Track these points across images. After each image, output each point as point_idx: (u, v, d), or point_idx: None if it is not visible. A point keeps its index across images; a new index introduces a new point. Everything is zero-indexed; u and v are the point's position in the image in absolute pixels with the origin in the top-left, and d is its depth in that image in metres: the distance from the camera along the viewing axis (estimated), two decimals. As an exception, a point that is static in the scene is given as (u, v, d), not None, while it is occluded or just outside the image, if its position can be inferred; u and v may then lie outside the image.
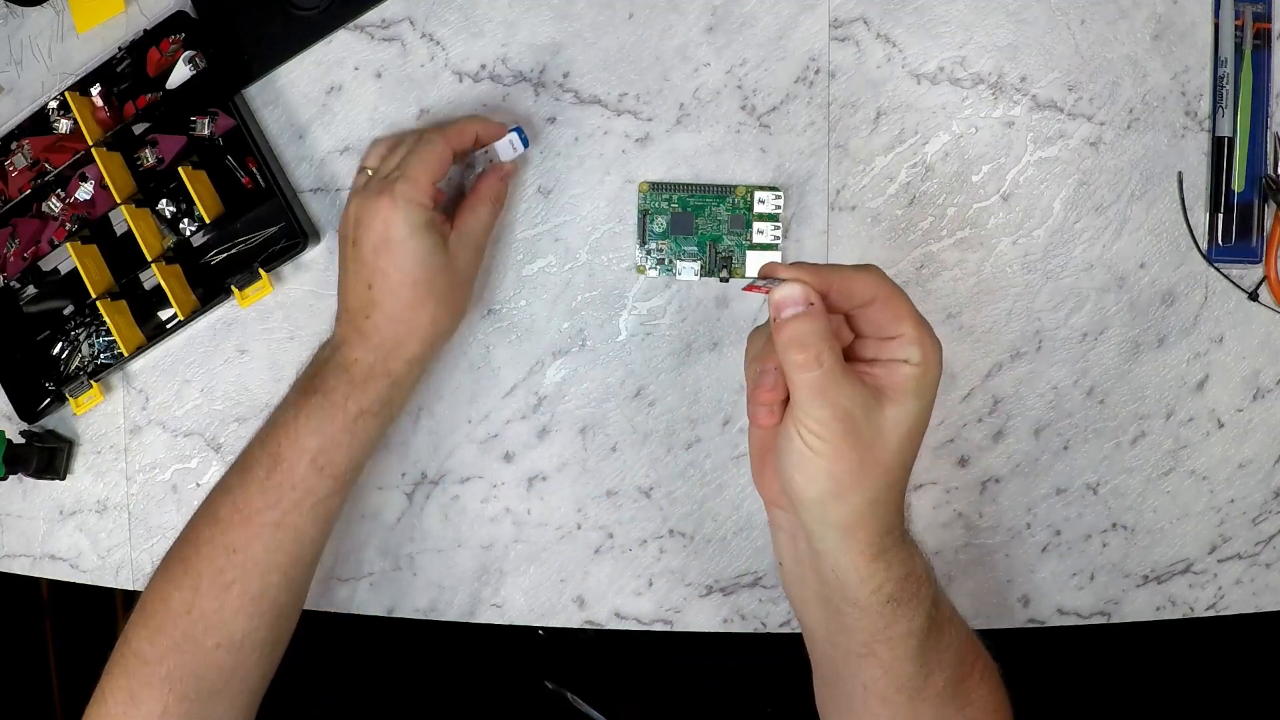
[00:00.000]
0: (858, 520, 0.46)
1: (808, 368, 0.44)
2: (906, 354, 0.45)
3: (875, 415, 0.45)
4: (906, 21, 0.64)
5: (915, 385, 0.45)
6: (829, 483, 0.45)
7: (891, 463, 0.46)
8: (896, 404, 0.45)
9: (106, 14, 0.70)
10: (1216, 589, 0.65)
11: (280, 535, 0.56)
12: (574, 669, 1.00)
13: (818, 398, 0.44)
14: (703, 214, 0.65)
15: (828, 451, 0.45)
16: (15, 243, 0.71)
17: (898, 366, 0.45)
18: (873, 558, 0.47)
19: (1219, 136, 0.63)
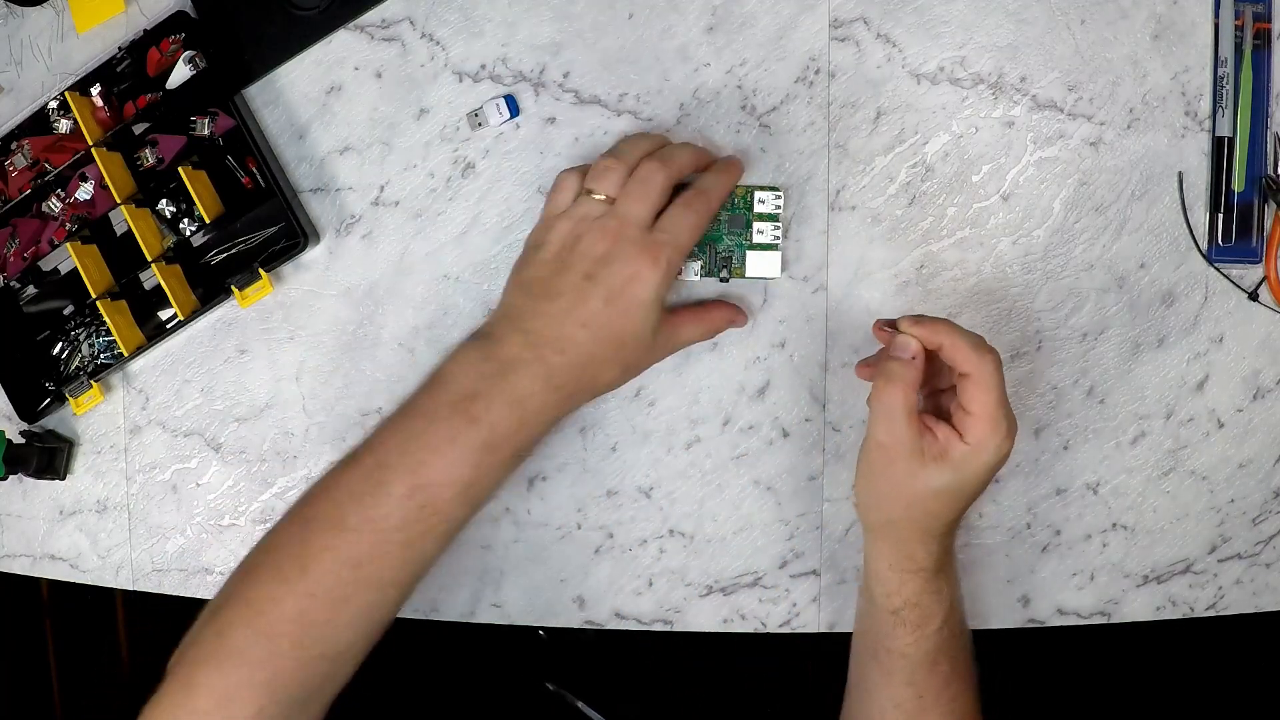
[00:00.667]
0: (880, 532, 0.57)
1: (886, 398, 0.54)
2: (966, 428, 0.53)
3: (916, 462, 0.53)
4: (906, 21, 0.64)
5: (959, 459, 0.53)
6: (860, 486, 0.57)
7: (915, 510, 0.55)
8: (935, 465, 0.53)
9: (106, 14, 0.70)
10: (1216, 589, 0.65)
11: (408, 554, 0.53)
12: (574, 669, 1.00)
13: (879, 420, 0.54)
14: None
15: (869, 464, 0.56)
16: (15, 243, 0.71)
17: (953, 436, 0.53)
18: (889, 567, 0.57)
19: (1219, 136, 0.63)
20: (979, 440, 0.53)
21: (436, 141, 0.68)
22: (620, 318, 0.55)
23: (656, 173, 0.56)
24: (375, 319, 0.69)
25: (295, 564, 0.52)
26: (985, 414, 0.52)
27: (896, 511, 0.55)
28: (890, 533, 0.56)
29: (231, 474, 0.71)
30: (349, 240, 0.69)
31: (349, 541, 0.52)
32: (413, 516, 0.52)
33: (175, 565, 0.73)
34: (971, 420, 0.53)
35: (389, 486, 0.52)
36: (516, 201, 0.67)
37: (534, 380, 0.54)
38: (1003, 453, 0.53)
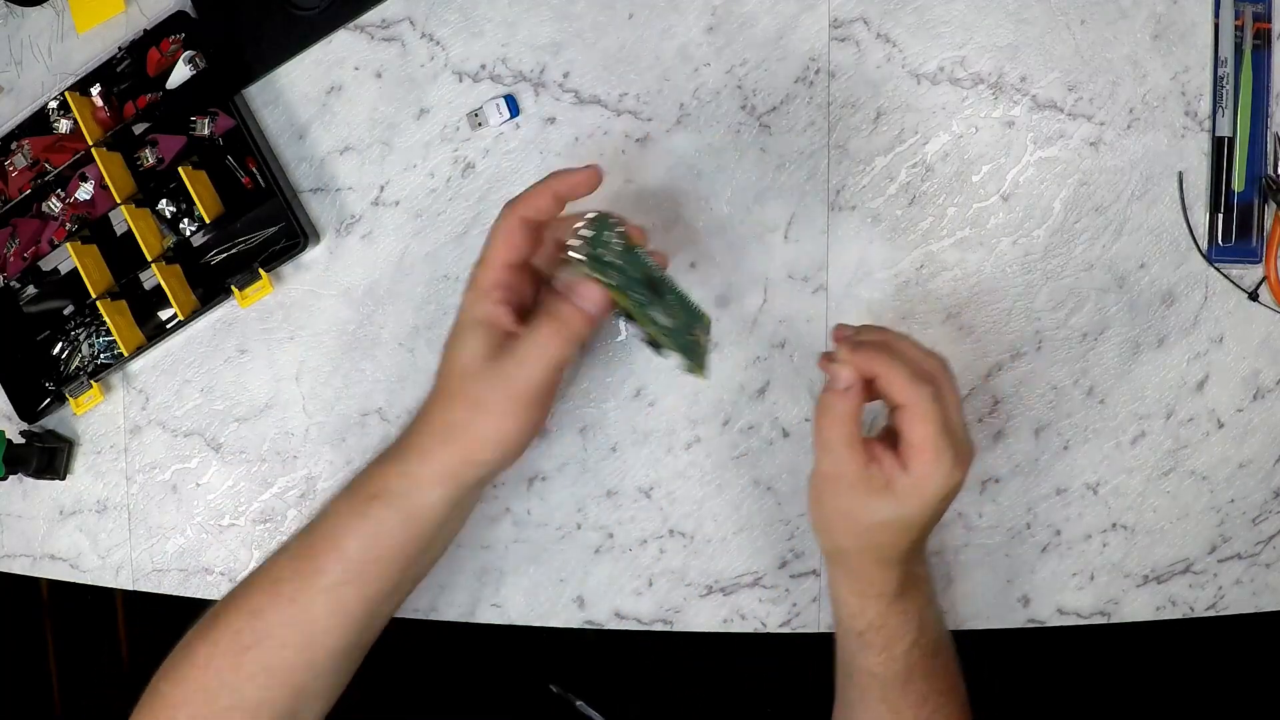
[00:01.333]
0: (835, 558, 0.56)
1: (825, 428, 0.51)
2: (908, 460, 0.50)
3: (859, 493, 0.51)
4: (906, 21, 0.64)
5: (903, 491, 0.51)
6: (813, 510, 0.55)
7: (866, 540, 0.53)
8: (881, 497, 0.51)
9: (106, 14, 0.71)
10: (1216, 589, 0.65)
11: (294, 612, 0.54)
12: (574, 669, 1.00)
13: (819, 452, 0.52)
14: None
15: (814, 488, 0.54)
16: (15, 243, 0.71)
17: (897, 467, 0.51)
18: (848, 591, 0.56)
19: (1219, 136, 0.63)
20: (922, 473, 0.50)
21: (436, 141, 0.68)
22: (446, 352, 0.54)
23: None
24: (375, 319, 0.69)
25: (211, 616, 0.56)
26: (925, 446, 0.49)
27: (848, 541, 0.54)
28: (844, 560, 0.55)
29: (231, 474, 0.71)
30: (349, 240, 0.69)
31: (245, 592, 0.56)
32: (295, 568, 0.55)
33: (175, 565, 0.73)
34: (913, 452, 0.50)
35: (289, 541, 0.56)
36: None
37: (410, 429, 0.55)
38: (950, 484, 0.50)
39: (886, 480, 0.51)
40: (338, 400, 0.70)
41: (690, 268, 0.66)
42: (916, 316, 0.65)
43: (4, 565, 0.75)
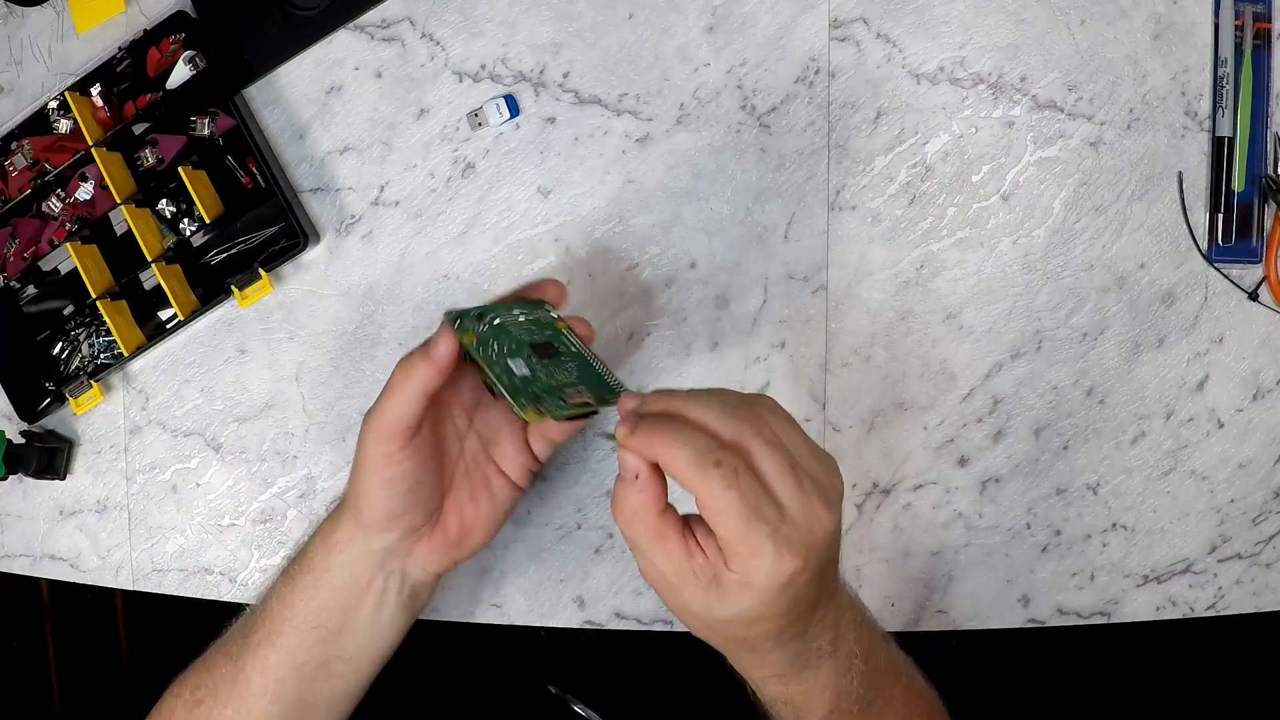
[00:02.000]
0: (708, 642, 0.48)
1: (627, 527, 0.45)
2: (726, 554, 0.43)
3: (693, 589, 0.44)
4: (906, 21, 0.64)
5: (733, 587, 0.43)
6: (678, 615, 0.47)
7: (726, 636, 0.46)
8: (715, 593, 0.44)
9: (106, 14, 0.70)
10: (1216, 589, 0.65)
11: (232, 669, 0.56)
12: (574, 669, 1.00)
13: (634, 549, 0.45)
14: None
15: (651, 583, 0.46)
16: (15, 243, 0.71)
17: (720, 560, 0.43)
18: (742, 670, 0.49)
19: (1219, 136, 0.63)
20: (742, 569, 0.42)
21: (436, 141, 0.68)
22: (359, 468, 0.52)
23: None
24: (375, 319, 0.69)
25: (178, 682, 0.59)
26: (733, 539, 0.42)
27: (707, 634, 0.47)
28: (720, 648, 0.48)
29: (231, 474, 0.71)
30: (349, 240, 0.69)
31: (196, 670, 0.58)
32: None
33: (175, 565, 0.72)
34: (726, 546, 0.42)
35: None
36: (516, 201, 0.67)
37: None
38: (783, 571, 0.42)
39: (713, 574, 0.43)
40: (338, 400, 0.70)
41: (690, 268, 0.66)
42: (916, 316, 0.65)
43: (4, 565, 0.75)
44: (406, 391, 0.50)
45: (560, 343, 0.53)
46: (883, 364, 0.65)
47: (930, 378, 0.65)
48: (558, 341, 0.53)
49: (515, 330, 0.52)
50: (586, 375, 0.53)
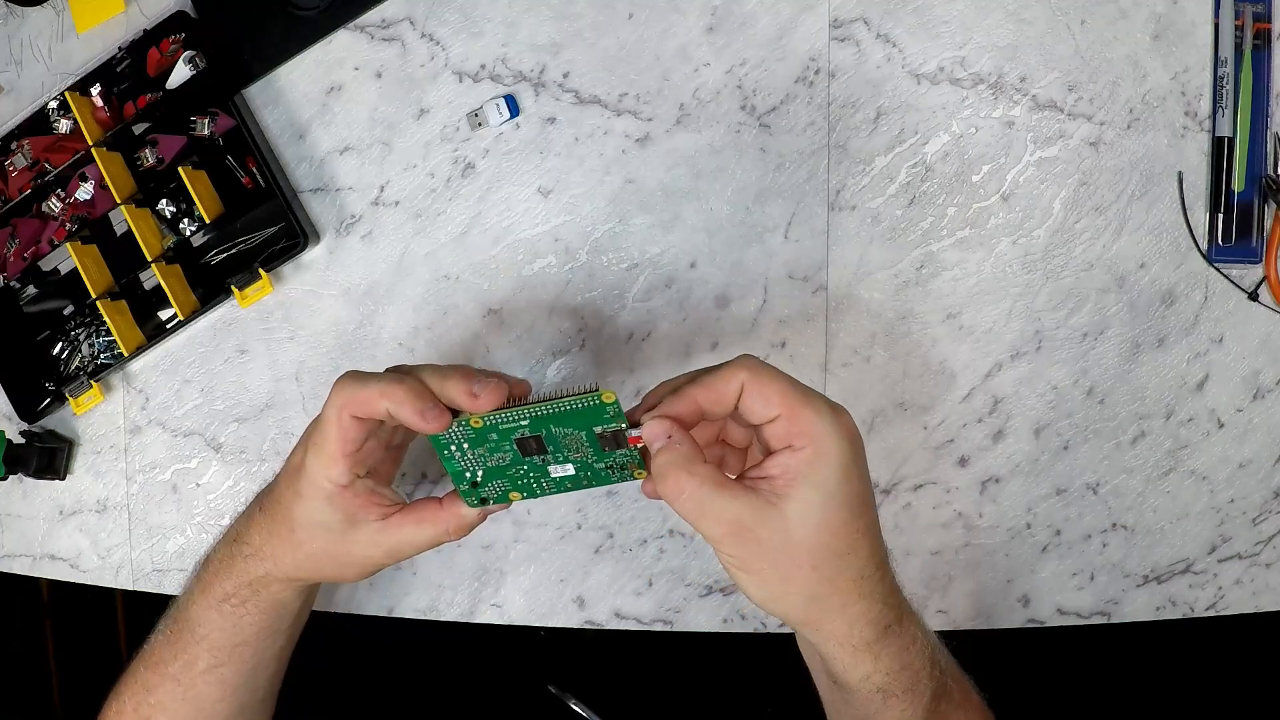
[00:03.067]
0: (815, 619, 0.46)
1: (677, 495, 0.44)
2: (788, 439, 0.44)
3: (772, 517, 0.43)
4: (906, 21, 0.64)
5: (806, 471, 0.43)
6: (758, 591, 0.46)
7: (815, 558, 0.44)
8: (791, 498, 0.43)
9: (106, 14, 0.71)
10: (1216, 589, 0.65)
11: (181, 690, 0.56)
12: (574, 669, 1.00)
13: (698, 518, 0.44)
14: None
15: (738, 563, 0.45)
16: (15, 243, 0.71)
17: (781, 456, 0.44)
18: (853, 650, 0.47)
19: (1219, 136, 0.63)
20: (809, 434, 0.43)
21: (436, 141, 0.68)
22: (288, 492, 0.51)
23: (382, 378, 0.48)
24: (375, 319, 0.69)
25: (120, 683, 0.59)
26: (792, 403, 0.43)
27: (811, 580, 0.45)
28: (825, 610, 0.46)
29: (231, 474, 0.71)
30: (349, 240, 0.69)
31: (144, 668, 0.58)
32: (170, 651, 0.57)
33: (175, 565, 0.73)
34: (785, 423, 0.43)
35: (166, 620, 0.58)
36: (516, 201, 0.67)
37: (246, 528, 0.54)
38: (847, 428, 0.44)
39: (785, 478, 0.43)
40: (338, 400, 0.70)
41: (690, 268, 0.66)
42: (916, 316, 0.65)
43: (4, 565, 0.75)
44: (420, 547, 0.51)
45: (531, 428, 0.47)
46: (883, 364, 0.65)
47: (930, 378, 0.65)
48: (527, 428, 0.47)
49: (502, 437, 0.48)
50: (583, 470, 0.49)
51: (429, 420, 0.46)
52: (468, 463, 0.49)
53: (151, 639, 0.58)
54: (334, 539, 0.51)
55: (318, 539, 0.51)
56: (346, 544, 0.51)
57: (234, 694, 0.57)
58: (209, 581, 0.55)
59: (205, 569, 0.56)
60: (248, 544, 0.54)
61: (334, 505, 0.50)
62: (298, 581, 0.54)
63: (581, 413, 0.45)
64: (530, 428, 0.47)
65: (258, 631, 0.56)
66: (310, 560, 0.52)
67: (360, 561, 0.52)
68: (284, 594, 0.55)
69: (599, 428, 0.46)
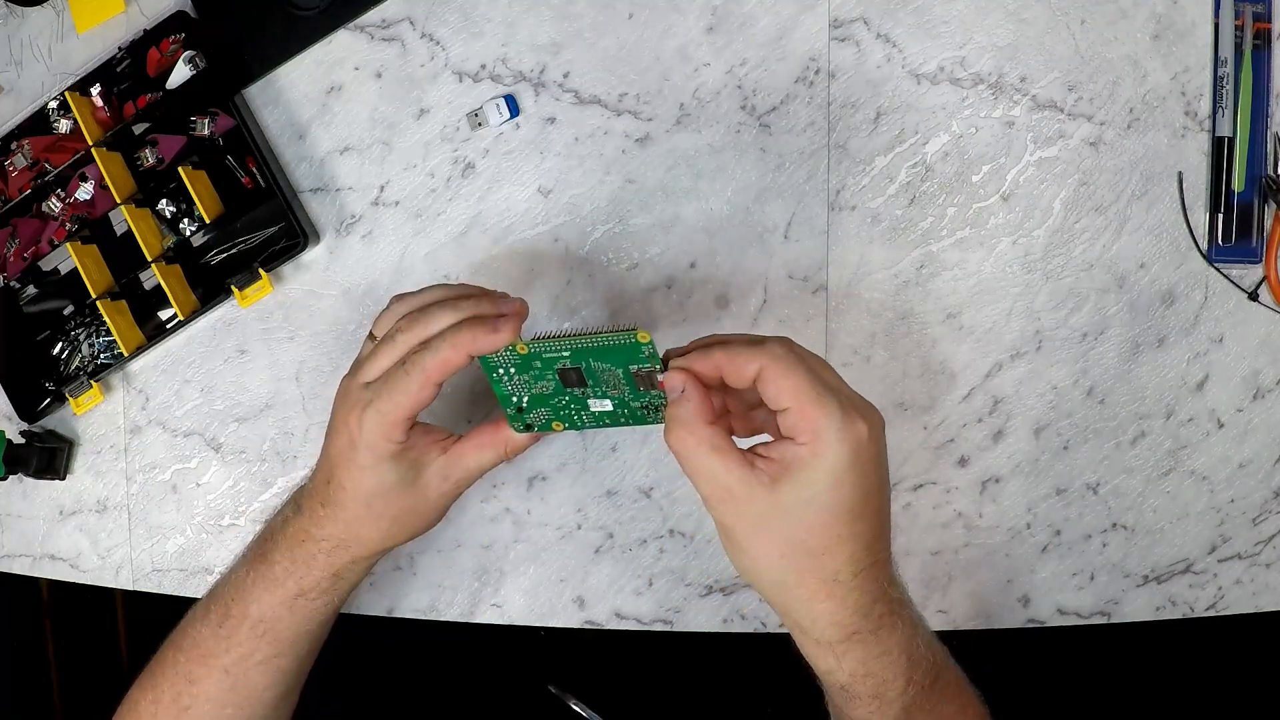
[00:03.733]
0: (780, 602, 0.48)
1: (678, 449, 0.46)
2: (794, 432, 0.44)
3: (758, 495, 0.44)
4: (906, 21, 0.64)
5: (799, 468, 0.44)
6: (733, 555, 0.47)
7: (799, 557, 0.45)
8: (779, 488, 0.44)
9: (106, 14, 0.71)
10: (1216, 589, 0.65)
11: (231, 681, 0.56)
12: (574, 669, 1.00)
13: (693, 475, 0.46)
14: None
15: (721, 526, 0.47)
16: (15, 243, 0.71)
17: (784, 444, 0.44)
18: (815, 643, 0.48)
19: (1219, 136, 0.63)
20: (813, 432, 0.43)
21: (436, 141, 0.68)
22: (349, 476, 0.53)
23: (404, 333, 0.51)
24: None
25: (151, 675, 0.59)
26: (802, 399, 0.43)
27: (779, 566, 0.46)
28: (790, 598, 0.47)
29: (231, 474, 0.71)
30: (349, 240, 0.69)
31: (185, 659, 0.58)
32: (223, 645, 0.57)
33: (175, 565, 0.73)
34: (794, 416, 0.43)
35: (209, 615, 0.58)
36: (516, 201, 0.67)
37: (307, 524, 0.56)
38: (853, 436, 0.43)
39: (781, 464, 0.44)
40: (338, 400, 0.70)
41: (690, 268, 0.66)
42: (916, 316, 0.65)
43: (4, 565, 0.75)
44: (490, 464, 0.55)
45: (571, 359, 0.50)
46: (883, 364, 0.65)
47: (930, 378, 0.65)
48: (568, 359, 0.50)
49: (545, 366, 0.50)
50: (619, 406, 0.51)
51: (502, 332, 0.48)
52: (514, 387, 0.51)
53: (190, 630, 0.58)
54: (408, 492, 0.54)
55: (394, 500, 0.54)
56: (420, 490, 0.54)
57: (283, 680, 0.58)
58: (278, 580, 0.55)
59: (271, 569, 0.56)
60: (325, 539, 0.55)
61: (398, 461, 0.52)
62: (382, 554, 0.57)
63: (618, 349, 0.47)
64: (571, 359, 0.49)
65: (325, 619, 0.58)
66: (394, 524, 0.55)
67: (435, 501, 0.55)
68: (361, 574, 0.57)
69: (634, 366, 0.48)
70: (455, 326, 0.49)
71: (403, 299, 0.54)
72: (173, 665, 0.58)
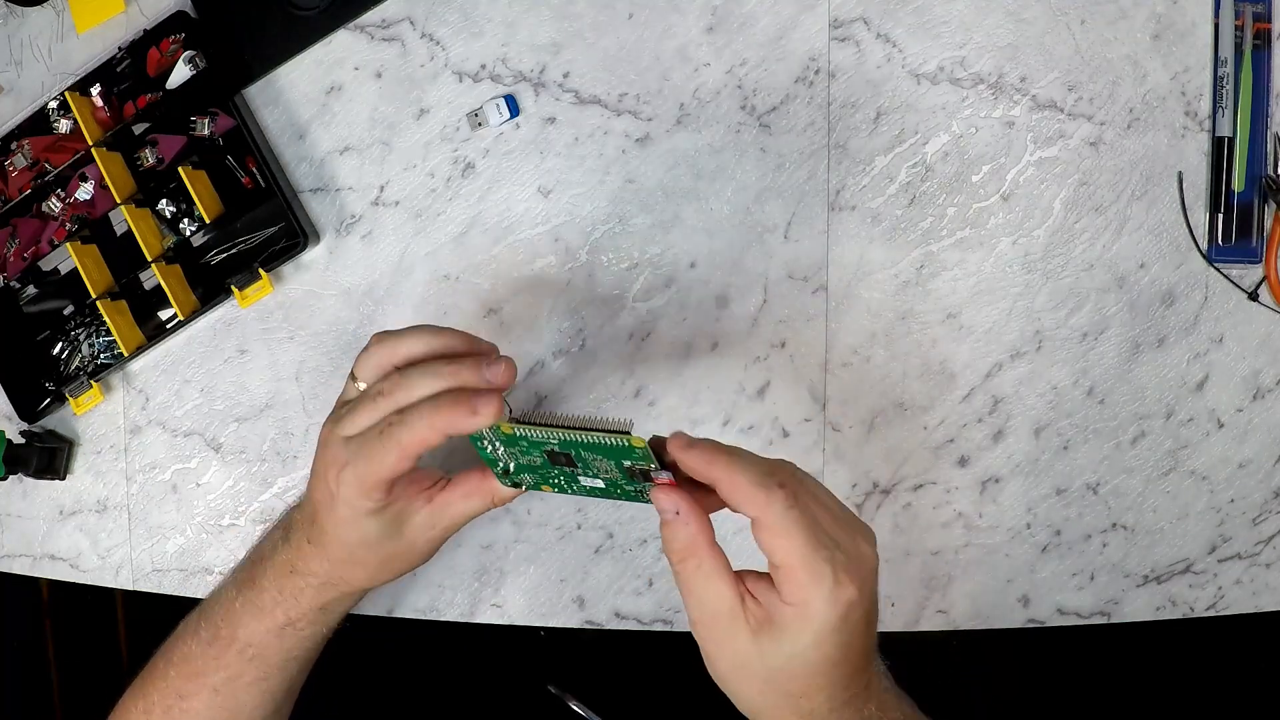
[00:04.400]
0: (752, 715, 0.47)
1: (680, 565, 0.45)
2: (782, 586, 0.43)
3: (741, 633, 0.44)
4: (906, 21, 0.64)
5: (788, 624, 0.43)
6: (710, 666, 0.46)
7: (764, 684, 0.45)
8: (767, 636, 0.43)
9: (106, 14, 0.71)
10: (1216, 589, 0.65)
11: (220, 700, 0.56)
12: (574, 669, 1.00)
13: (685, 593, 0.45)
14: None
15: (699, 639, 0.45)
16: (15, 243, 0.71)
17: (774, 596, 0.43)
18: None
19: (1219, 136, 0.63)
20: (800, 598, 0.42)
21: (436, 141, 0.68)
22: (332, 522, 0.51)
23: (384, 397, 0.49)
24: (375, 319, 0.69)
25: (143, 684, 0.58)
26: (793, 564, 0.42)
27: (755, 700, 0.46)
28: (769, 716, 0.46)
29: (231, 474, 0.71)
30: (349, 240, 0.69)
31: (175, 674, 0.57)
32: (212, 665, 0.56)
33: (175, 565, 0.73)
34: (783, 574, 0.42)
35: (200, 633, 0.57)
36: (516, 201, 0.67)
37: (296, 557, 0.54)
38: (843, 602, 0.42)
39: (767, 615, 0.43)
40: (338, 400, 0.70)
41: (690, 268, 0.66)
42: (916, 316, 0.65)
43: (4, 565, 0.75)
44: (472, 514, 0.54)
45: (561, 442, 0.47)
46: (883, 364, 0.65)
47: (930, 378, 0.65)
48: (557, 443, 0.47)
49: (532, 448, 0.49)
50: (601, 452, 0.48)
51: (481, 414, 0.45)
52: (500, 456, 0.50)
53: (181, 645, 0.58)
54: (392, 542, 0.53)
55: (378, 549, 0.53)
56: (406, 539, 0.53)
57: (273, 700, 0.58)
58: (266, 609, 0.55)
59: (260, 596, 0.55)
60: (313, 574, 0.54)
61: (379, 518, 0.51)
62: (371, 589, 0.56)
63: (611, 448, 0.45)
64: (559, 447, 0.47)
65: (314, 646, 0.57)
66: (381, 568, 0.54)
67: (423, 547, 0.54)
68: (350, 605, 0.57)
69: (627, 462, 0.46)
70: (434, 402, 0.46)
71: (384, 340, 0.51)
72: (163, 678, 0.57)
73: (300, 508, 0.55)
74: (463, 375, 0.47)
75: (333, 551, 0.53)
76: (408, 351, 0.51)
